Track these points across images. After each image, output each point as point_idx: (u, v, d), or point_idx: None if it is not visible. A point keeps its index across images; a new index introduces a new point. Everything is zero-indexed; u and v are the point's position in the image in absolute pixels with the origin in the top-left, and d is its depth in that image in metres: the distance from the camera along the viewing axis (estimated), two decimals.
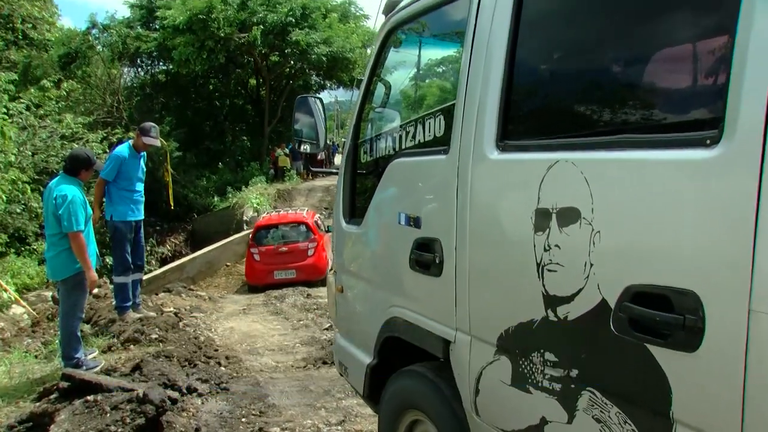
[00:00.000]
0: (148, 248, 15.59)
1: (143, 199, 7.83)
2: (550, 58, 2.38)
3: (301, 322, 9.47)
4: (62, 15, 47.16)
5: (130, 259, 7.57)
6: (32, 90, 16.50)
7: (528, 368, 2.17)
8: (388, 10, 3.34)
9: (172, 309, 9.69)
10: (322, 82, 25.40)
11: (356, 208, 3.62)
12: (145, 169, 7.85)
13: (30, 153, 13.12)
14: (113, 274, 7.74)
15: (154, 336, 7.12)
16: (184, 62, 17.89)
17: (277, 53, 21.07)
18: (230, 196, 17.89)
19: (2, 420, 4.94)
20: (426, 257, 2.70)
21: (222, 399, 5.23)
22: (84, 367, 5.84)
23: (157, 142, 7.84)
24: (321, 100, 3.92)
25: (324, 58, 19.76)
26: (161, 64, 21.14)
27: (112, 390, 4.95)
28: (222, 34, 17.96)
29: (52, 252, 6.05)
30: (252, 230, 13.73)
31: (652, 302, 1.66)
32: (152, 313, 8.17)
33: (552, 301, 2.02)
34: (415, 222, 2.82)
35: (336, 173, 4.01)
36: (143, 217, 7.98)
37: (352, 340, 3.72)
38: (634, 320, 1.71)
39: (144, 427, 4.38)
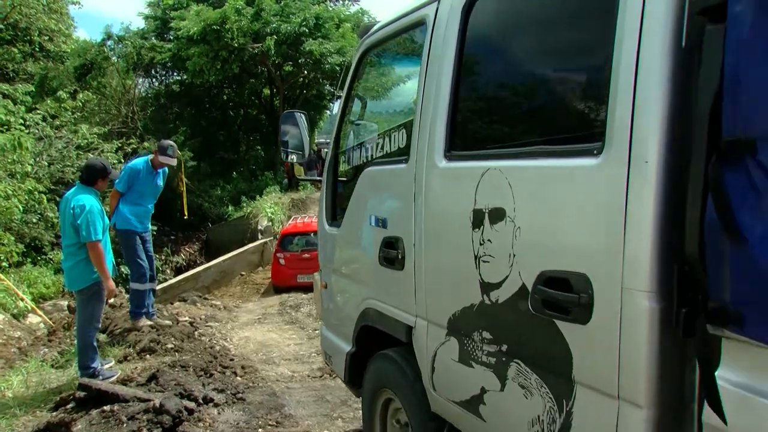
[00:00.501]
0: (163, 257, 15.65)
1: (151, 213, 7.90)
2: (484, 85, 2.88)
3: (317, 332, 9.43)
4: (78, 27, 47.65)
5: (145, 265, 7.57)
6: (48, 101, 16.65)
7: (470, 346, 2.56)
8: (363, 33, 3.86)
9: (187, 318, 9.68)
10: (335, 91, 25.46)
11: (337, 212, 4.08)
12: (162, 186, 7.87)
13: (46, 163, 13.21)
14: (130, 280, 7.78)
15: (169, 345, 7.12)
16: (198, 72, 17.96)
17: (290, 63, 21.13)
18: (244, 205, 17.93)
19: (20, 429, 4.94)
20: (391, 254, 3.14)
21: (238, 409, 5.20)
22: (100, 377, 5.84)
23: (174, 161, 7.76)
24: (305, 114, 4.34)
25: (337, 68, 19.80)
26: (175, 74, 21.26)
27: (128, 400, 4.95)
28: (236, 45, 18.03)
29: (69, 262, 6.06)
30: (279, 237, 14.47)
31: (557, 285, 2.04)
32: (167, 322, 8.16)
33: (486, 288, 2.41)
34: (382, 223, 3.29)
35: (320, 181, 4.39)
36: (149, 229, 8.01)
37: (334, 332, 4.15)
38: (546, 300, 2.09)
39: None
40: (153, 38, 20.21)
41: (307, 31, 19.33)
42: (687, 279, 1.70)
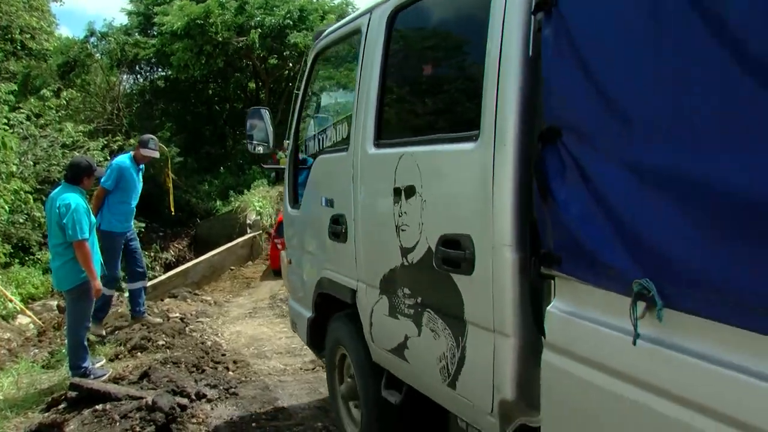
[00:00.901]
0: (152, 254, 15.57)
1: (134, 211, 7.89)
2: (400, 86, 3.57)
3: None
4: (60, 24, 47.21)
5: (118, 274, 7.60)
6: (32, 100, 16.48)
7: (396, 302, 3.19)
8: (316, 37, 4.48)
9: (177, 314, 9.66)
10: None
11: (298, 196, 4.69)
12: (141, 182, 7.91)
13: (32, 163, 13.09)
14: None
15: (160, 342, 7.11)
16: (182, 68, 17.83)
17: (275, 56, 21.01)
18: (232, 200, 17.84)
19: (12, 431, 4.92)
20: (337, 229, 3.78)
21: (231, 404, 5.20)
22: (92, 376, 5.82)
23: (156, 154, 7.84)
24: (269, 109, 5.04)
25: None
26: (160, 70, 21.09)
27: (120, 398, 4.94)
28: (220, 39, 17.90)
29: (57, 262, 6.03)
30: (275, 224, 14.58)
31: (451, 245, 2.65)
32: (158, 320, 8.14)
33: (405, 251, 3.03)
34: (330, 203, 3.94)
35: (282, 169, 5.11)
36: (132, 228, 8.01)
37: (299, 302, 4.83)
38: (444, 258, 2.70)
39: None
40: (136, 34, 20.04)
41: (291, 23, 19.22)
42: (535, 234, 2.27)
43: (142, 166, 7.84)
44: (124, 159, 7.66)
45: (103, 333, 7.58)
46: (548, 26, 2.15)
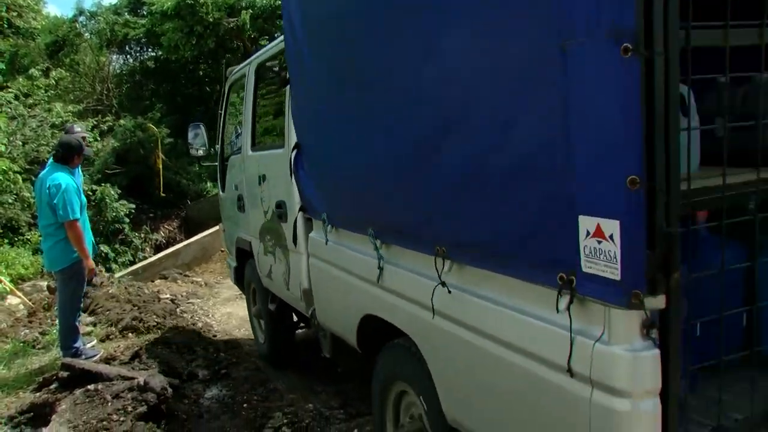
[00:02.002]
0: (142, 235, 15.53)
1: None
2: (257, 113, 5.54)
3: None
4: (48, 2, 46.63)
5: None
6: (20, 79, 16.31)
7: (264, 244, 5.25)
8: (228, 74, 6.57)
9: (168, 296, 9.67)
10: None
11: (224, 184, 6.78)
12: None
13: (20, 143, 12.98)
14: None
15: (152, 323, 7.12)
16: (173, 48, 17.63)
17: (266, 37, 20.81)
18: None
19: (3, 411, 4.93)
20: (239, 204, 5.93)
21: (223, 385, 5.23)
22: (83, 357, 5.83)
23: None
24: (204, 125, 6.94)
25: None
26: (150, 50, 20.85)
27: (112, 378, 4.96)
28: (211, 19, 17.72)
29: (48, 243, 6.02)
30: None
31: (280, 207, 4.71)
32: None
33: (264, 213, 5.13)
34: (236, 187, 6.07)
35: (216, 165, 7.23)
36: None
37: (229, 256, 7.20)
38: (278, 214, 4.75)
39: (146, 415, 4.38)
40: (126, 14, 19.81)
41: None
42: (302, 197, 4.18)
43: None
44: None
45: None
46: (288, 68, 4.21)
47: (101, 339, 6.77)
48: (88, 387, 4.81)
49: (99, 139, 15.82)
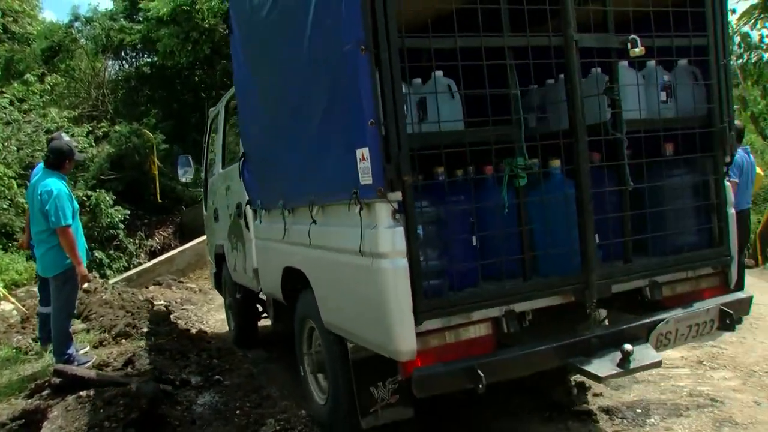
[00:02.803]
0: (137, 241, 15.51)
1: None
2: (224, 142, 7.02)
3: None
4: (44, 8, 46.59)
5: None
6: (15, 84, 16.29)
7: (231, 243, 6.62)
8: (209, 114, 7.76)
9: (162, 302, 9.66)
10: None
11: (206, 203, 8.10)
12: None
13: (15, 148, 12.97)
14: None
15: (145, 330, 7.10)
16: (168, 54, 17.63)
17: None
18: None
19: None
20: (215, 215, 7.28)
21: (216, 391, 5.20)
22: (76, 363, 5.80)
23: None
24: (189, 156, 7.92)
25: None
26: (146, 56, 20.83)
27: (104, 385, 4.93)
28: (206, 26, 17.72)
29: (41, 249, 6.00)
30: None
31: (237, 207, 6.18)
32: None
33: (230, 216, 6.54)
34: (214, 202, 7.42)
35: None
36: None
37: (212, 265, 8.21)
38: (237, 214, 6.14)
39: (138, 421, 4.35)
40: (122, 19, 19.81)
41: None
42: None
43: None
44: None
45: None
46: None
47: (94, 345, 6.75)
48: (80, 393, 4.79)
49: (94, 144, 15.80)
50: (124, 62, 21.54)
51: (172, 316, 8.69)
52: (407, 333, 3.08)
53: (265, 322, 7.12)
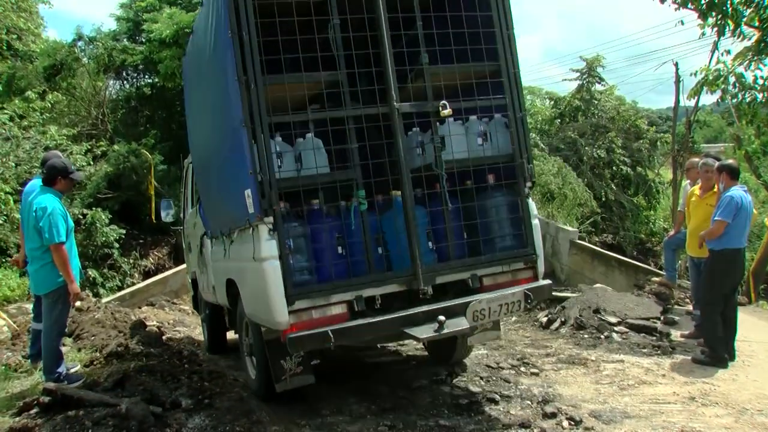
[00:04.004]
0: (131, 261, 15.47)
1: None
2: (192, 187, 8.39)
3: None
4: (48, 27, 46.88)
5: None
6: (16, 101, 16.33)
7: (200, 269, 7.81)
8: (184, 164, 8.90)
9: (155, 323, 9.60)
10: None
11: (184, 240, 9.55)
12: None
13: (13, 164, 12.96)
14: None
15: (137, 350, 7.06)
16: (169, 76, 17.72)
17: None
18: None
19: None
20: (189, 248, 8.90)
21: (206, 415, 5.16)
22: (66, 382, 5.77)
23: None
24: (171, 200, 9.44)
25: None
26: (147, 77, 20.97)
27: (94, 405, 4.90)
28: None
29: (34, 266, 5.99)
30: None
31: (202, 239, 7.47)
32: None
33: (197, 247, 7.80)
34: (188, 236, 8.99)
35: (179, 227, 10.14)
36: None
37: (191, 289, 9.48)
38: (202, 244, 7.40)
39: None
40: (125, 40, 19.95)
41: None
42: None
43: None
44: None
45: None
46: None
47: (85, 364, 6.71)
48: (69, 413, 4.76)
49: (92, 163, 15.81)
50: (125, 82, 21.64)
51: (164, 337, 8.64)
52: (282, 310, 4.57)
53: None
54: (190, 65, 6.47)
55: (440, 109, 5.09)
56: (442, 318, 4.73)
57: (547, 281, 5.46)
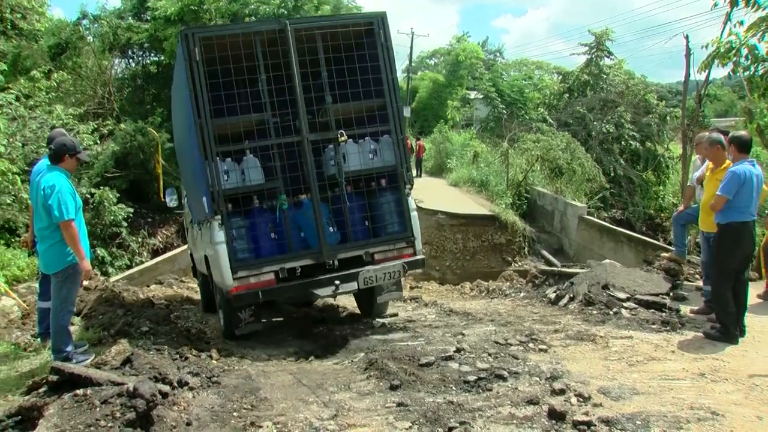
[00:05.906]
0: (139, 240, 15.51)
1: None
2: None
3: (294, 315, 9.43)
4: (52, 5, 46.65)
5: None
6: (22, 80, 16.30)
7: (196, 246, 9.22)
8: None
9: (163, 301, 9.63)
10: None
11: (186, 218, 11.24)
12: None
13: (20, 144, 12.96)
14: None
15: (144, 329, 7.08)
16: (175, 53, 17.72)
17: None
18: None
19: None
20: (187, 230, 10.71)
21: (213, 392, 5.17)
22: (74, 361, 5.78)
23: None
24: (176, 187, 11.08)
25: None
26: (152, 55, 20.91)
27: (101, 384, 4.89)
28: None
29: (44, 245, 5.99)
30: None
31: (192, 223, 9.76)
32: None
33: (193, 229, 9.38)
34: (185, 220, 10.84)
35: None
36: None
37: (191, 263, 11.23)
38: (197, 223, 8.73)
39: (134, 421, 4.31)
40: (130, 18, 19.88)
41: (285, 12, 19.14)
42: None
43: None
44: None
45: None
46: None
47: (93, 343, 6.73)
48: (77, 392, 4.75)
49: (99, 142, 15.80)
50: (130, 60, 21.59)
51: (172, 315, 8.67)
52: (229, 277, 6.85)
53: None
54: (174, 85, 8.99)
55: (338, 137, 7.28)
56: (337, 282, 6.98)
57: (421, 256, 7.70)
